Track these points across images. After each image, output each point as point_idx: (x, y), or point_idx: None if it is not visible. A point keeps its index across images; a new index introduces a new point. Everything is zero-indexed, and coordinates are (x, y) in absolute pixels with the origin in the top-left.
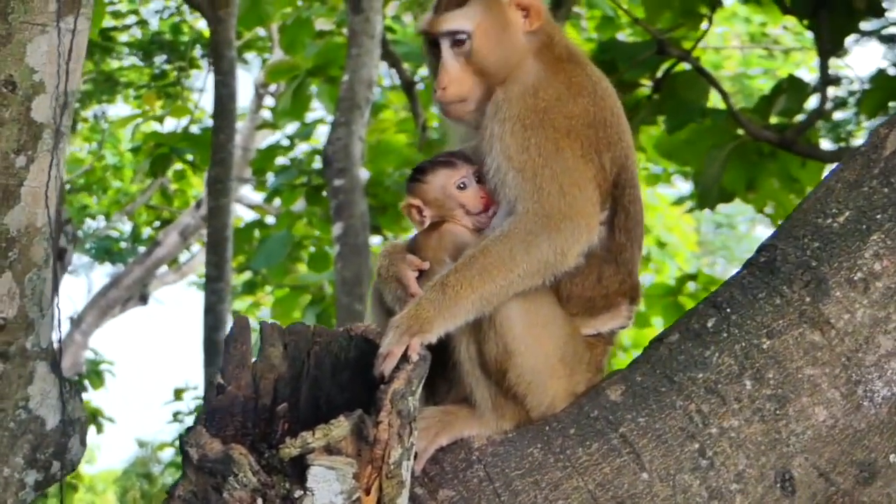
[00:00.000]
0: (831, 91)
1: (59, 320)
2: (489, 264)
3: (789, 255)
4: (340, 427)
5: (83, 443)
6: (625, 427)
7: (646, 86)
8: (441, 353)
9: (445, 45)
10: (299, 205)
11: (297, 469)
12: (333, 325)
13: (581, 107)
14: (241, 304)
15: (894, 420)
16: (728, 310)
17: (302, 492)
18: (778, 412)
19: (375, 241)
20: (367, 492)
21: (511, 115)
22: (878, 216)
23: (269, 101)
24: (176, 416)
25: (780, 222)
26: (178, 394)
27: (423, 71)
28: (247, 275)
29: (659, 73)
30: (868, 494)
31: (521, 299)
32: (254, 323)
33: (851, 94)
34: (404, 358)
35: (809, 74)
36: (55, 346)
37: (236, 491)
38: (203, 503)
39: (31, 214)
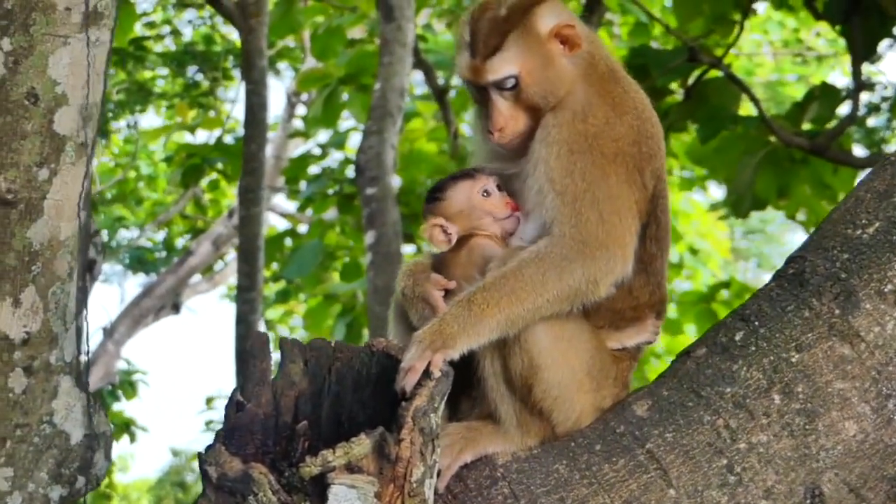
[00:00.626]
0: (864, 97)
1: (87, 333)
2: (518, 287)
3: (818, 267)
4: (362, 445)
5: (108, 457)
6: (652, 443)
7: (677, 92)
8: (464, 369)
9: (493, 91)
10: (331, 213)
11: (318, 488)
12: (365, 336)
13: (626, 125)
14: (273, 313)
15: None
16: (756, 323)
17: None
18: (807, 427)
19: (408, 249)
20: None
21: (559, 139)
22: None
23: (301, 109)
24: (209, 425)
25: (811, 229)
26: (210, 402)
27: (455, 80)
28: (280, 284)
29: (690, 80)
30: None
31: None
32: (284, 331)
33: (885, 99)
34: (426, 374)
35: (843, 79)
36: (82, 358)
37: None
38: None
39: (54, 228)
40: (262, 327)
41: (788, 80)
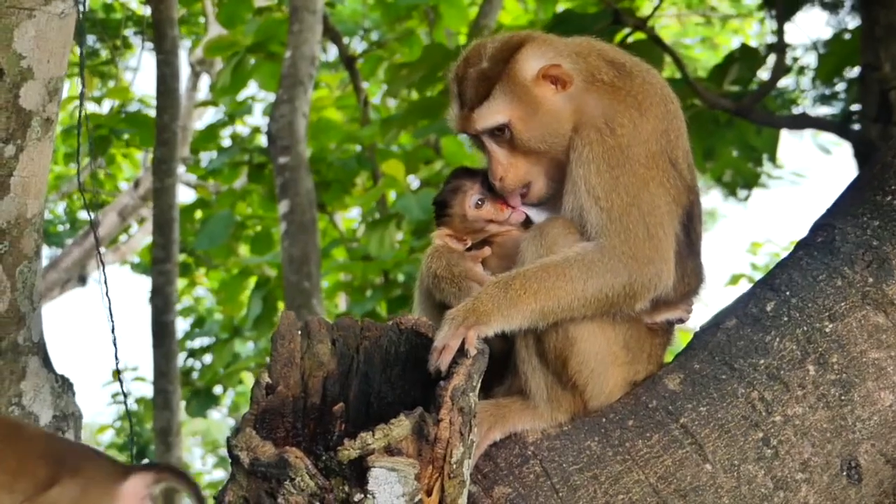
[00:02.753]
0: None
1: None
2: (559, 285)
3: (848, 235)
4: (401, 426)
5: (77, 438)
6: (685, 417)
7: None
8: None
9: (486, 138)
10: (238, 184)
11: (356, 471)
12: (281, 306)
13: (652, 118)
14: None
15: None
16: (787, 293)
17: (362, 495)
18: (843, 398)
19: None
20: (429, 492)
21: (595, 157)
22: None
23: (205, 79)
24: (115, 398)
25: (738, 191)
26: (115, 375)
27: (363, 45)
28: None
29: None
30: None
31: None
32: (187, 303)
33: (795, 59)
34: (461, 352)
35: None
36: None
37: (292, 496)
38: None
39: (20, 205)
40: (175, 299)
41: (691, 42)
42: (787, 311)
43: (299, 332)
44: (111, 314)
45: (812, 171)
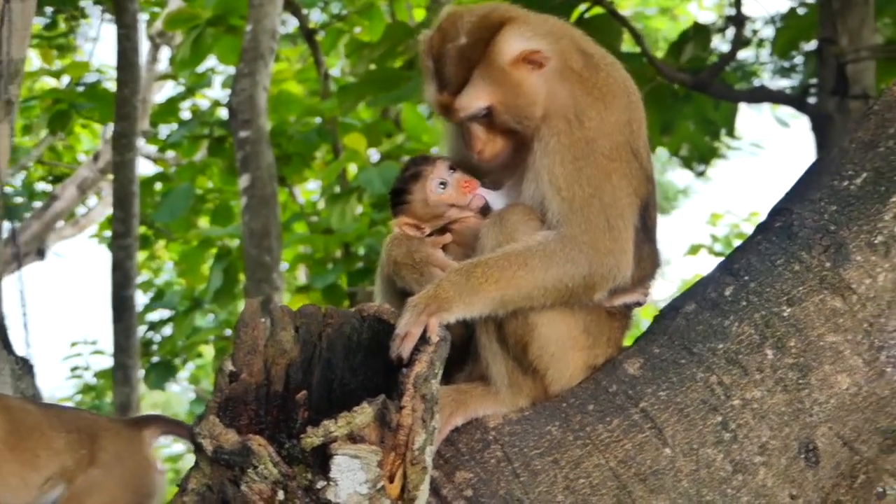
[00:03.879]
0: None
1: None
2: (520, 274)
3: (806, 220)
4: (364, 414)
5: None
6: (645, 402)
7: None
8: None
9: (465, 120)
10: (198, 157)
11: (319, 459)
12: (242, 280)
13: (617, 110)
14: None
15: None
16: (746, 277)
17: (325, 482)
18: (800, 381)
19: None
20: (391, 479)
21: (561, 148)
22: None
23: (165, 51)
24: (73, 371)
25: (695, 165)
26: (74, 346)
27: (323, 16)
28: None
29: (572, 19)
30: (892, 462)
31: None
32: (147, 278)
33: (755, 32)
34: (423, 339)
35: (701, 11)
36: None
37: (255, 483)
38: (219, 497)
39: None
40: (135, 274)
41: (651, 13)
42: (745, 296)
43: (263, 320)
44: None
45: (771, 143)
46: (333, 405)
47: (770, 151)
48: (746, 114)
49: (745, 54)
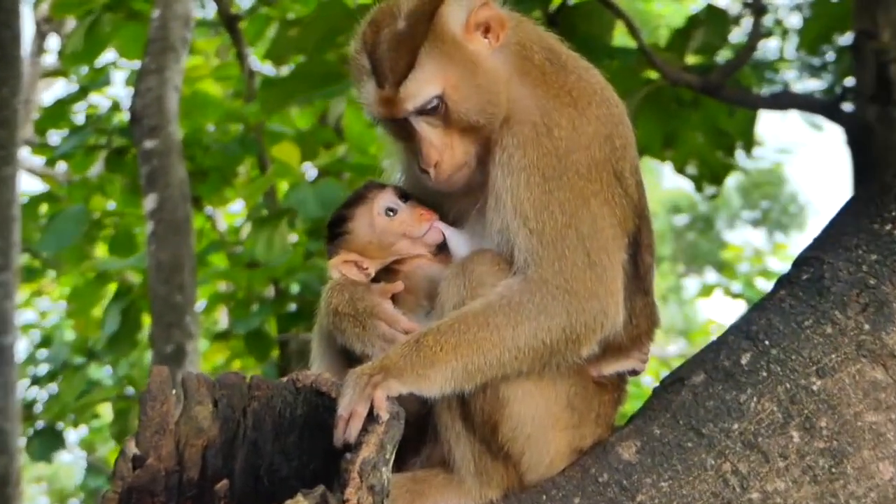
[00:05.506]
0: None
1: None
2: (482, 336)
3: (840, 271)
4: None
5: None
6: (643, 494)
7: (538, 21)
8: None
9: (415, 119)
10: (94, 172)
11: None
12: (146, 324)
13: (594, 119)
14: (19, 294)
15: None
16: (766, 342)
17: None
18: (833, 470)
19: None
20: None
21: (527, 164)
22: None
23: (53, 41)
24: None
25: (705, 185)
26: None
27: (248, 1)
28: (26, 258)
29: (554, 5)
30: None
31: None
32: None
33: (778, 23)
34: (371, 417)
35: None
36: None
37: None
38: None
39: None
40: (15, 318)
41: None
42: (765, 365)
43: (174, 392)
44: None
45: (803, 146)
46: (261, 497)
47: (802, 156)
48: (769, 114)
49: (766, 49)
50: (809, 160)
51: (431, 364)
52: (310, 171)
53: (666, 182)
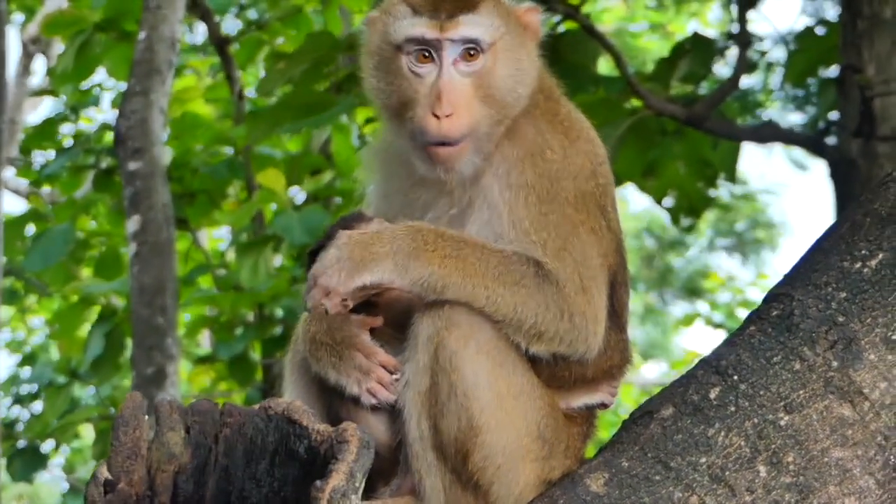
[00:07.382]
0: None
1: None
2: (473, 265)
3: (810, 308)
4: None
5: None
6: None
7: None
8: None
9: (448, 58)
10: (81, 192)
11: None
12: (129, 347)
13: (582, 154)
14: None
15: None
16: (735, 377)
17: None
18: None
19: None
20: None
21: (524, 182)
22: None
23: (41, 62)
24: None
25: (682, 216)
26: None
27: (237, 24)
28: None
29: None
30: None
31: (489, 361)
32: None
33: (762, 54)
34: (339, 443)
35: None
36: None
37: None
38: None
39: None
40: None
41: (639, 29)
42: (734, 400)
43: (146, 417)
44: None
45: (787, 185)
46: None
47: (788, 196)
48: (754, 151)
49: (750, 81)
50: (794, 201)
51: (416, 257)
52: (297, 196)
53: (633, 207)
